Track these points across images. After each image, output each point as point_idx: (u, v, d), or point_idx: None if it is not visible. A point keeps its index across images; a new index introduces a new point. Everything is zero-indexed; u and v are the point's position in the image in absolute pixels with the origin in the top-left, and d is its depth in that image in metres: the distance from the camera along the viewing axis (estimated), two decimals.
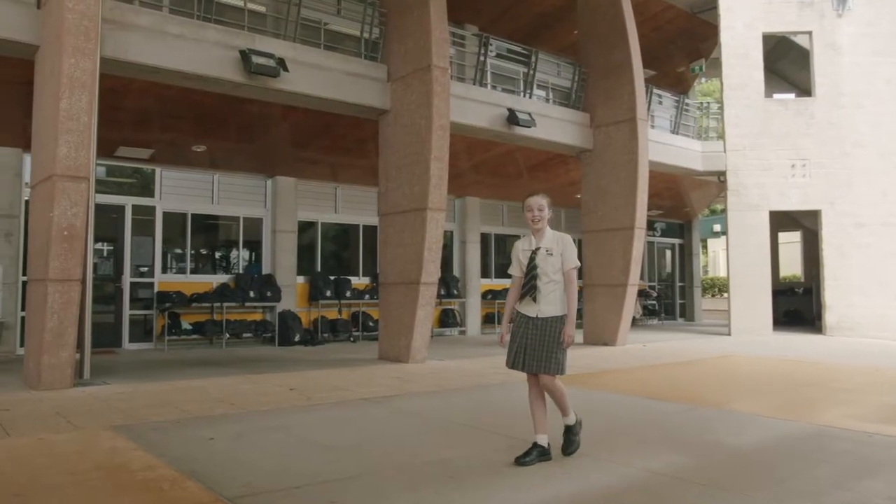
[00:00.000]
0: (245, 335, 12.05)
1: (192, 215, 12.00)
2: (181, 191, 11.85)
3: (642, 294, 18.78)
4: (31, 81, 7.41)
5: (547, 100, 13.74)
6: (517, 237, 16.54)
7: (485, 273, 15.96)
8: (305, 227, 13.45)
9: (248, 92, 8.68)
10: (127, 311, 11.12)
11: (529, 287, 4.28)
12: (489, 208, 16.16)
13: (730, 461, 4.39)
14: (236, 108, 9.39)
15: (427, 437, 5.03)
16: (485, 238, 16.07)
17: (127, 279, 11.12)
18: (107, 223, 11.20)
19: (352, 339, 13.08)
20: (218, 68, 8.21)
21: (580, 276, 14.84)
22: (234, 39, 8.39)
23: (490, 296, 15.67)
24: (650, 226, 19.96)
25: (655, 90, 14.89)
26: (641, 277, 19.32)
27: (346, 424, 5.42)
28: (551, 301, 4.26)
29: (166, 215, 11.70)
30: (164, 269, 11.68)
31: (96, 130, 7.16)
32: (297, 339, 12.24)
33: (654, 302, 19.31)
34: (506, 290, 15.67)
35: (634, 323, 17.86)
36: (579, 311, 15.90)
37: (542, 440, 4.29)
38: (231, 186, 12.46)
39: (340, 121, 10.22)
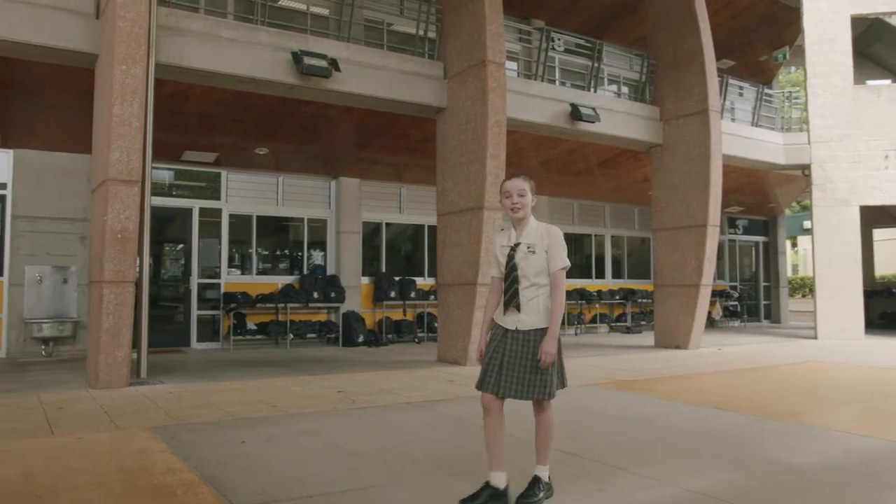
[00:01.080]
0: (309, 336, 12.14)
1: (258, 217, 12.20)
2: (246, 193, 12.06)
3: (722, 295, 17.98)
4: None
5: (618, 94, 13.31)
6: (588, 236, 16.24)
7: None
8: (370, 228, 13.46)
9: (301, 93, 8.71)
10: (195, 312, 11.39)
11: (510, 293, 3.51)
12: (559, 206, 15.78)
13: (783, 481, 3.98)
14: (294, 109, 9.44)
15: (460, 444, 4.82)
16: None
17: (195, 280, 11.39)
18: (175, 226, 11.52)
19: (416, 340, 12.99)
20: (271, 71, 8.26)
21: (650, 276, 14.31)
22: (287, 41, 8.43)
23: None
24: (731, 223, 19.13)
25: (733, 81, 14.17)
26: (721, 277, 18.59)
27: (381, 430, 5.27)
28: (533, 309, 3.46)
29: (232, 217, 11.93)
30: (230, 271, 11.90)
31: (151, 135, 7.32)
32: (360, 340, 12.24)
33: (735, 303, 18.41)
34: (576, 291, 15.50)
35: (714, 325, 17.15)
36: (650, 313, 15.40)
37: (499, 480, 3.52)
38: (295, 188, 12.60)
39: (399, 120, 10.15)
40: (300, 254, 12.87)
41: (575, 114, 10.47)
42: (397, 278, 13.32)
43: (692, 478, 3.96)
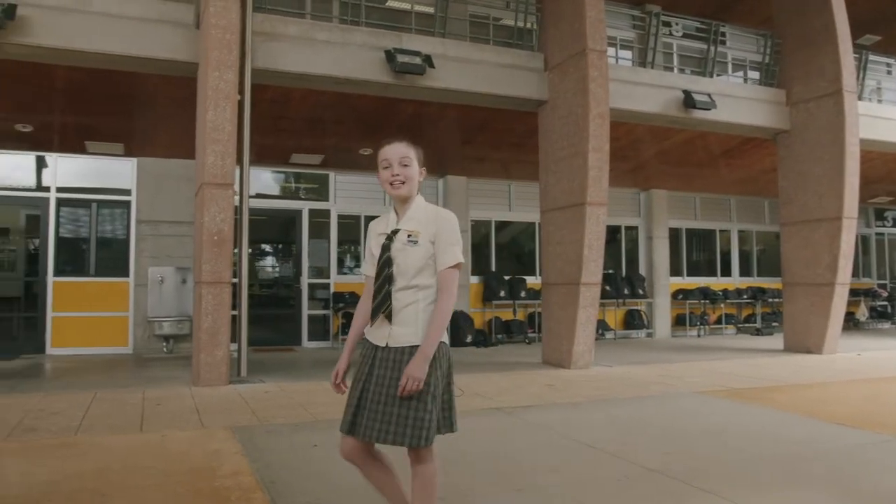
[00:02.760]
0: None
1: (365, 217, 12.31)
2: (354, 194, 12.21)
3: (869, 294, 16.37)
4: None
5: (745, 80, 12.40)
6: (712, 232, 15.26)
7: (675, 271, 14.77)
8: (479, 227, 13.29)
9: (397, 92, 8.65)
10: (305, 311, 11.66)
11: (381, 296, 2.61)
12: (678, 201, 14.92)
13: None
14: (393, 109, 9.41)
15: (538, 454, 4.52)
16: (674, 233, 14.86)
17: (305, 280, 11.66)
18: (286, 227, 11.85)
19: (526, 340, 12.67)
20: (365, 70, 8.25)
21: (777, 273, 13.20)
22: (381, 40, 8.39)
23: (681, 295, 14.45)
24: (878, 215, 17.43)
25: (877, 57, 12.84)
26: (867, 274, 16.95)
27: (458, 436, 4.97)
28: (410, 319, 2.59)
29: (341, 218, 12.12)
30: (339, 271, 12.10)
31: (248, 140, 7.50)
32: (468, 340, 12.09)
33: (885, 303, 16.72)
34: (698, 290, 14.61)
35: (858, 327, 15.68)
36: (778, 315, 14.24)
37: None
38: None
39: (501, 115, 9.89)
40: None
41: (688, 101, 9.79)
42: (507, 277, 13.07)
43: None
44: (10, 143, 9.93)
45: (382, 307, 2.61)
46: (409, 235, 2.62)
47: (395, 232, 2.66)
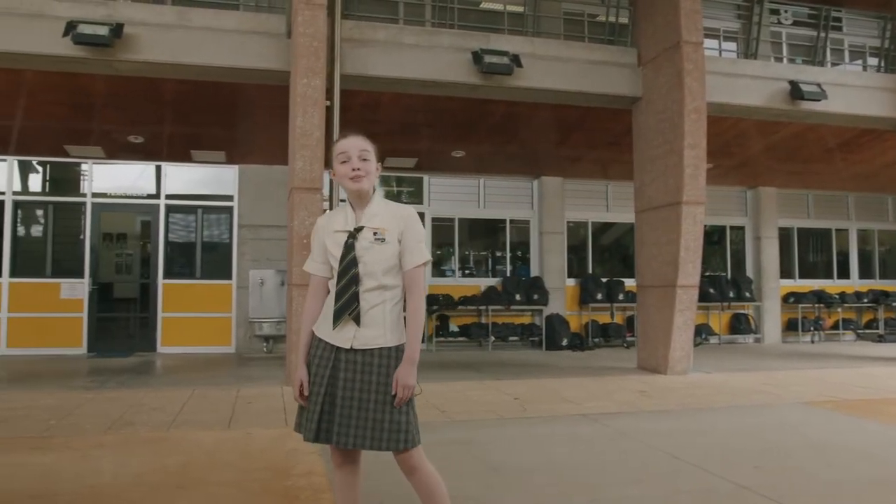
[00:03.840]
0: (511, 338, 12.02)
1: (459, 219, 12.34)
2: (448, 196, 12.26)
3: None
4: None
5: (864, 67, 11.57)
6: (828, 232, 14.33)
7: (785, 273, 13.95)
8: (575, 228, 13.03)
9: (485, 92, 8.60)
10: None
11: (346, 297, 2.49)
12: (788, 198, 14.08)
13: None
14: (483, 109, 9.37)
15: (618, 464, 4.33)
16: (785, 233, 14.04)
17: None
18: None
19: (625, 344, 12.31)
20: (453, 72, 8.25)
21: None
22: (468, 41, 8.36)
23: (792, 299, 13.62)
24: None
25: None
26: None
27: (537, 444, 4.93)
28: (378, 320, 2.50)
29: (435, 220, 12.19)
30: (434, 273, 12.16)
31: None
32: (564, 343, 11.87)
33: None
34: (812, 293, 13.70)
35: None
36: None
37: None
38: (497, 189, 12.57)
39: (594, 114, 9.66)
40: (503, 255, 12.80)
41: (795, 92, 9.20)
42: (604, 279, 12.75)
43: None
44: (124, 153, 10.61)
45: (349, 309, 2.49)
46: (375, 233, 2.52)
47: (358, 229, 2.54)
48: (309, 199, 7.02)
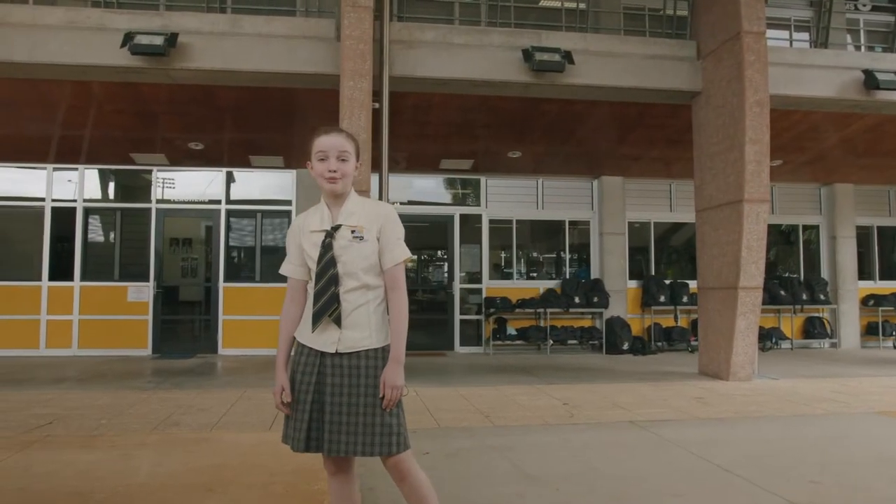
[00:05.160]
0: (570, 342, 11.75)
1: (517, 221, 12.17)
2: (506, 197, 12.11)
3: None
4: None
5: None
6: None
7: (864, 274, 13.20)
8: (637, 229, 12.67)
9: (538, 91, 8.44)
10: (457, 316, 11.71)
11: (325, 299, 2.40)
12: (867, 195, 13.31)
13: None
14: (536, 108, 9.20)
15: (661, 475, 4.12)
16: (864, 232, 13.29)
17: (457, 285, 11.72)
18: (437, 233, 11.97)
19: (689, 349, 11.86)
20: (503, 71, 8.13)
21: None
22: (519, 39, 8.22)
23: (872, 302, 12.87)
24: None
25: None
26: None
27: (577, 451, 4.75)
28: (362, 321, 2.43)
29: (492, 222, 12.06)
30: (491, 276, 12.03)
31: (387, 146, 7.63)
32: (625, 347, 11.54)
33: None
34: (893, 295, 12.88)
35: None
36: None
37: None
38: (555, 190, 12.34)
39: (652, 110, 9.36)
40: (562, 257, 12.56)
41: (869, 81, 8.67)
42: (668, 281, 12.35)
43: None
44: (186, 160, 10.91)
45: (328, 310, 2.41)
46: (353, 231, 2.45)
47: (335, 228, 2.46)
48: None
